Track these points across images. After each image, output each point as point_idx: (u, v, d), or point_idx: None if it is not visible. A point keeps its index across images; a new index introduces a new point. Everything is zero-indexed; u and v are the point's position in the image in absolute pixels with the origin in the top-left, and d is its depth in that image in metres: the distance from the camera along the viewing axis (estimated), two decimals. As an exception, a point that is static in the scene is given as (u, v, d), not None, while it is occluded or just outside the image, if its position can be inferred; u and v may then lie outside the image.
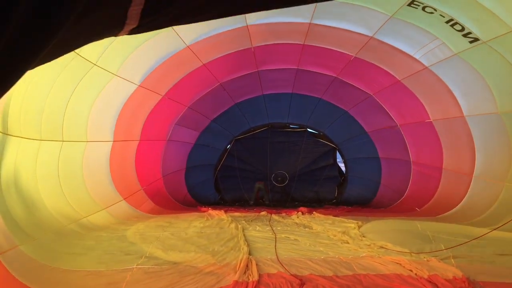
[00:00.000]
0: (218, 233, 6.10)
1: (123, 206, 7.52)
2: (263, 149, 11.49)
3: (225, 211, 8.38)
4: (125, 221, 6.93)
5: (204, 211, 8.62)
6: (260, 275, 3.73)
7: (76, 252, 4.64)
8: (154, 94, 7.69)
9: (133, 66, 6.55)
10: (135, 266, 4.09)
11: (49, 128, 5.32)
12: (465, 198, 7.13)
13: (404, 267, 4.10)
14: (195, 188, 10.85)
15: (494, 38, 5.23)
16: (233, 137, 11.40)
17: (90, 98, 6.20)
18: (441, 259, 4.32)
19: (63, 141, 5.68)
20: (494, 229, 5.15)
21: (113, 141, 7.16)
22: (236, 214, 8.30)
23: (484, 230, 5.19)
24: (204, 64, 7.66)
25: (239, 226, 6.44)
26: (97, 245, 5.03)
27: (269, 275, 3.81)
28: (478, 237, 4.92)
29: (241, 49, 7.56)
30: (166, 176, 9.57)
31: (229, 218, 7.43)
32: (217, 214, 8.00)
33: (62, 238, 4.99)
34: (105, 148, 7.08)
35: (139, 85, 7.00)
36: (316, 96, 10.05)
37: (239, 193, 11.45)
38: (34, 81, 4.60)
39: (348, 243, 5.36)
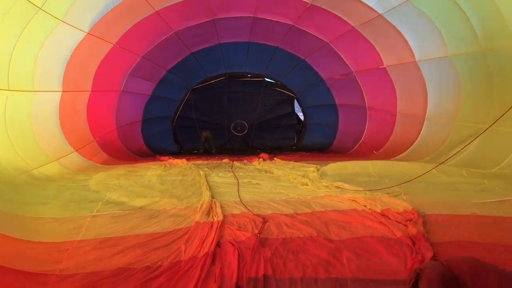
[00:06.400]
0: (181, 179, 6.16)
1: (75, 158, 7.28)
2: (220, 99, 11.37)
3: (187, 160, 8.37)
4: (80, 172, 6.76)
5: (163, 160, 8.58)
6: (224, 216, 3.84)
7: (38, 201, 4.52)
8: (105, 42, 7.27)
9: (80, 12, 6.10)
10: (100, 212, 4.09)
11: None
12: (418, 139, 7.56)
13: (359, 203, 4.35)
14: (151, 139, 10.66)
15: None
16: (190, 88, 11.18)
17: (36, 46, 5.77)
18: (393, 196, 4.61)
19: (9, 90, 5.34)
20: (439, 165, 5.59)
21: (62, 91, 6.81)
22: (198, 162, 8.34)
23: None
24: (156, 11, 7.29)
25: (201, 172, 6.49)
26: (59, 194, 4.93)
27: (233, 215, 3.93)
28: (424, 173, 5.32)
29: (195, -5, 7.28)
30: (120, 128, 9.30)
31: (191, 165, 7.47)
32: (178, 163, 8.00)
33: (16, 188, 4.84)
34: (54, 99, 6.69)
35: (88, 33, 6.60)
36: (273, 45, 9.93)
37: (198, 144, 11.39)
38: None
39: (307, 185, 5.57)
